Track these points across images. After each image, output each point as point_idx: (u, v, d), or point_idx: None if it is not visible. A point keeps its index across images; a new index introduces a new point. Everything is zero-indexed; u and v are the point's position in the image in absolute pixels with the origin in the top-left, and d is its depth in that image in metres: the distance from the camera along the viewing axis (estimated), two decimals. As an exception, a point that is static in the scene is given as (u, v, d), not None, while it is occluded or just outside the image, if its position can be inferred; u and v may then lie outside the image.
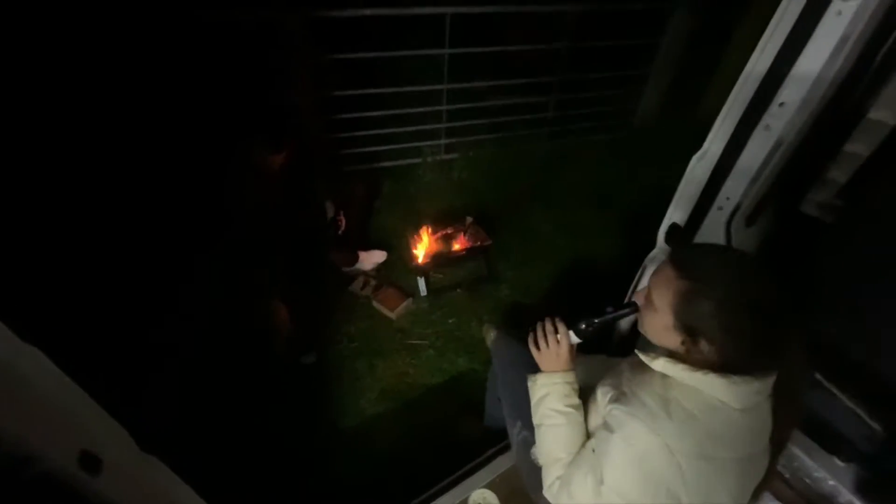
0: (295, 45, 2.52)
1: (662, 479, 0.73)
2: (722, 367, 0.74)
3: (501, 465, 1.39)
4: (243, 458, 1.66)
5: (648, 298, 0.82)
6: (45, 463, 0.57)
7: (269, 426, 1.77)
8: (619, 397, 0.82)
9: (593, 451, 0.84)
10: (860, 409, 1.24)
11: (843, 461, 1.32)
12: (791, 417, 0.82)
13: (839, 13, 0.82)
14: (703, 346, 0.75)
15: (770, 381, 0.75)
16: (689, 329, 0.76)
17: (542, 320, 1.01)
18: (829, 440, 1.32)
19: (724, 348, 0.74)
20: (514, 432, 1.23)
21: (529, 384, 1.03)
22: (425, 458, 1.66)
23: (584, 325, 0.98)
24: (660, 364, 0.79)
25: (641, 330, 0.87)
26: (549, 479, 0.94)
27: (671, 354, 0.81)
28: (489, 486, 1.36)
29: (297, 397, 1.88)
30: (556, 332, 0.98)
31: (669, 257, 0.80)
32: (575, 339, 0.99)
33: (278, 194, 1.94)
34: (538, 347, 1.00)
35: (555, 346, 0.98)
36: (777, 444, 0.81)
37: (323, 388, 1.92)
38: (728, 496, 0.74)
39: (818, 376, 1.30)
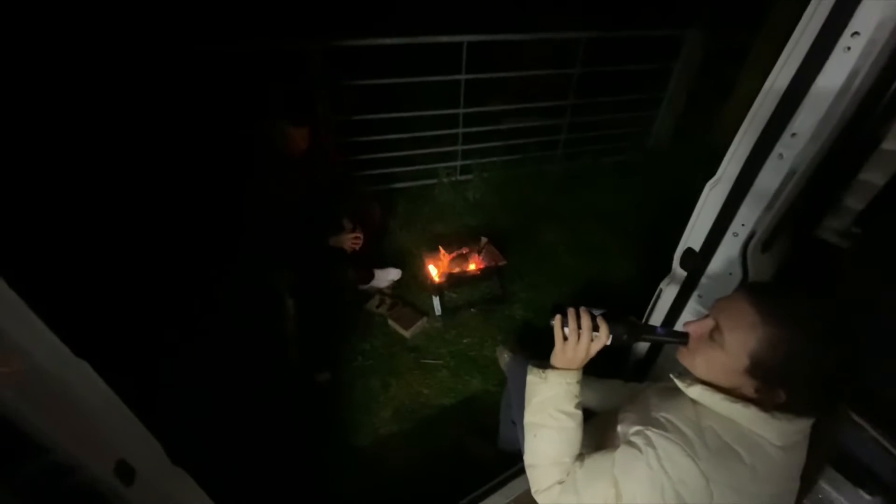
0: (315, 72, 2.64)
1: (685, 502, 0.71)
2: (774, 406, 0.72)
3: (516, 488, 1.37)
4: (258, 474, 1.68)
5: (715, 336, 0.77)
6: (85, 472, 0.60)
7: (285, 443, 1.79)
8: (649, 421, 0.79)
9: (613, 463, 0.80)
10: (887, 441, 1.20)
11: (868, 494, 1.27)
12: (824, 456, 0.80)
13: (848, 49, 0.85)
14: (780, 394, 0.71)
15: (812, 421, 0.73)
16: (768, 377, 0.71)
17: (579, 309, 0.86)
18: (855, 472, 1.28)
19: (797, 396, 0.71)
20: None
21: (535, 379, 0.92)
22: (438, 479, 1.65)
23: (625, 334, 0.85)
24: (696, 392, 0.77)
25: (687, 363, 0.83)
26: (547, 481, 0.88)
27: (705, 382, 0.79)
28: (503, 510, 1.35)
29: (312, 415, 1.90)
30: (596, 329, 0.85)
31: (750, 298, 0.74)
32: (613, 335, 0.86)
33: (301, 187, 2.03)
34: (565, 338, 0.86)
35: (586, 344, 0.85)
36: (807, 481, 0.78)
37: (337, 406, 1.94)
38: None
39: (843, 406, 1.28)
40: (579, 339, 0.84)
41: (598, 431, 1.01)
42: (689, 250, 1.32)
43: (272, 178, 1.95)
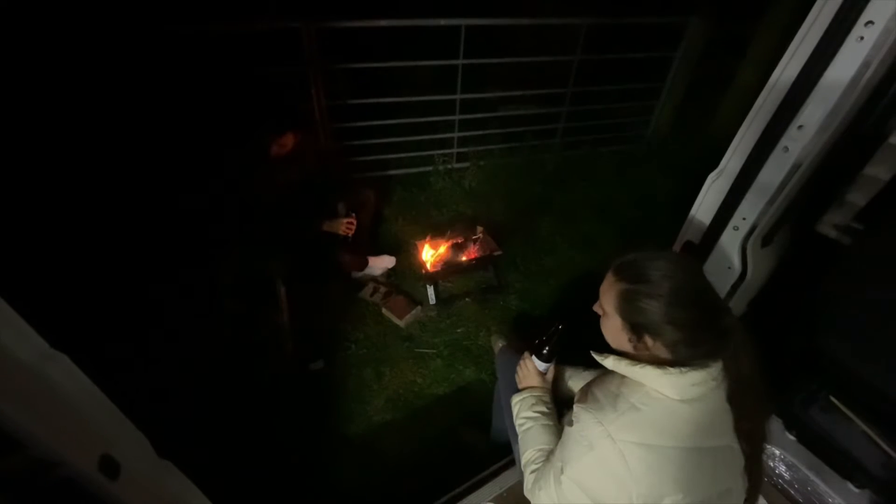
0: (309, 55, 2.56)
1: (608, 465, 0.77)
2: (667, 362, 0.80)
3: (509, 479, 1.37)
4: (251, 464, 1.67)
5: (600, 306, 0.90)
6: (66, 468, 0.57)
7: (276, 432, 1.78)
8: (581, 398, 0.90)
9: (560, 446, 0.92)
10: (876, 435, 1.22)
11: (857, 487, 1.29)
12: (756, 409, 0.83)
13: (861, 39, 0.82)
14: (648, 341, 0.81)
15: (708, 372, 0.78)
16: (634, 327, 0.83)
17: (523, 356, 1.20)
18: (844, 465, 1.30)
19: (667, 342, 0.79)
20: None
21: (511, 403, 1.16)
22: (431, 468, 1.65)
23: (541, 347, 1.13)
24: (609, 362, 0.86)
25: (606, 338, 0.93)
26: (526, 478, 1.01)
27: (622, 353, 0.87)
28: (496, 501, 1.35)
29: (305, 403, 1.89)
30: (545, 359, 1.15)
31: (612, 267, 0.88)
32: (539, 362, 1.14)
33: (291, 182, 1.99)
34: (518, 374, 1.20)
35: (521, 370, 1.18)
36: (748, 437, 0.82)
37: (330, 395, 1.93)
38: (676, 487, 0.75)
39: (833, 400, 1.29)
40: (517, 369, 1.20)
41: None
42: (687, 243, 1.31)
43: (260, 176, 1.90)
